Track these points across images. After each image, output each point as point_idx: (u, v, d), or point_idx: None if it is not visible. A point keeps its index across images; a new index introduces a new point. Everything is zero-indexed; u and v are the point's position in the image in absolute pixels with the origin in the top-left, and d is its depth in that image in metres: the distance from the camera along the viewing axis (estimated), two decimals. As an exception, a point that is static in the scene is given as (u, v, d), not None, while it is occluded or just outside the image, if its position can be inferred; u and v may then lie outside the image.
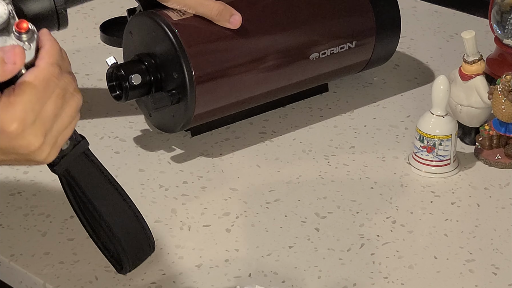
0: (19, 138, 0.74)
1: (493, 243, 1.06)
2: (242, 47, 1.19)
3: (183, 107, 1.16)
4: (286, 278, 1.00)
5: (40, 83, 0.74)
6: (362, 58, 1.30)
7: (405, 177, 1.17)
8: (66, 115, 0.77)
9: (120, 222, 0.83)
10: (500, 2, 1.32)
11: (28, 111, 0.73)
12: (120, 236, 0.83)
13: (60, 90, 0.75)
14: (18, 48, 0.74)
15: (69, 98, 0.76)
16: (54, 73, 0.75)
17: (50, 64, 0.75)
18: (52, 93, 0.75)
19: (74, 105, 0.77)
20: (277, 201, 1.12)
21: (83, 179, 0.82)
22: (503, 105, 1.16)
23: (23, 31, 0.76)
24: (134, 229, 0.84)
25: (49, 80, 0.75)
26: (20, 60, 0.74)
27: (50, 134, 0.75)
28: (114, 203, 0.83)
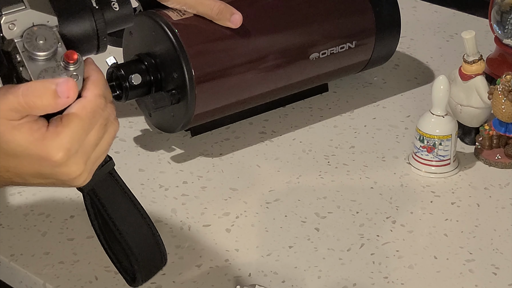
0: (62, 166, 0.75)
1: (493, 243, 1.06)
2: (242, 47, 1.19)
3: (183, 107, 1.16)
4: (286, 278, 1.00)
5: (87, 114, 0.75)
6: (362, 58, 1.30)
7: (405, 177, 1.17)
8: (105, 142, 0.78)
9: (138, 240, 0.84)
10: (500, 2, 1.32)
11: (74, 141, 0.75)
12: (137, 253, 0.84)
13: (103, 120, 0.77)
14: (71, 81, 0.74)
15: (109, 126, 0.78)
16: (100, 105, 0.76)
17: (97, 96, 0.76)
18: (97, 123, 0.76)
19: (113, 132, 0.79)
20: (277, 201, 1.12)
21: (107, 198, 0.83)
22: (503, 105, 1.16)
23: (72, 62, 0.76)
24: (150, 246, 0.85)
25: (96, 112, 0.76)
26: (74, 94, 0.74)
27: (89, 161, 0.77)
28: (134, 222, 0.84)
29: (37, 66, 0.76)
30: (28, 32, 0.76)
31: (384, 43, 1.31)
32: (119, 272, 0.86)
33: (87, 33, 0.81)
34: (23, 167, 0.76)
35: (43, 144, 0.74)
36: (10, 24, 0.76)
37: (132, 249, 0.83)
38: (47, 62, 0.76)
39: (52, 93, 0.74)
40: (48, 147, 0.74)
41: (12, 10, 0.76)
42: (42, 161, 0.75)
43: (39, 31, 0.76)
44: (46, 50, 0.76)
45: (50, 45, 0.76)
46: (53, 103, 0.74)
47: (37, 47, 0.76)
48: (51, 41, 0.76)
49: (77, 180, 0.77)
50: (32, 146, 0.74)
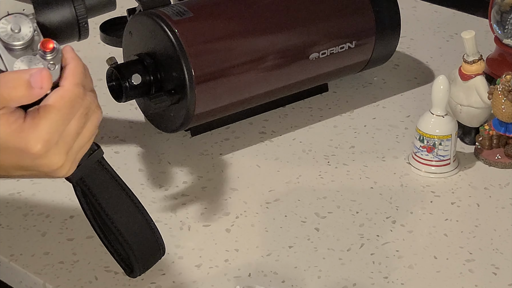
0: (42, 158, 0.74)
1: (493, 243, 1.06)
2: (242, 47, 1.19)
3: (183, 107, 1.16)
4: (286, 278, 1.00)
5: (65, 104, 0.74)
6: (362, 58, 1.30)
7: (405, 177, 1.17)
8: (88, 132, 0.77)
9: (132, 229, 0.83)
10: (500, 2, 1.32)
11: (53, 132, 0.73)
12: (132, 243, 0.83)
13: (84, 109, 0.76)
14: (45, 71, 0.73)
15: (91, 115, 0.77)
16: (79, 94, 0.75)
17: (75, 85, 0.75)
18: (76, 113, 0.75)
19: (95, 121, 0.77)
20: (277, 201, 1.12)
21: (97, 187, 0.82)
22: (503, 105, 1.16)
23: (48, 51, 0.74)
24: (145, 235, 0.84)
25: (74, 101, 0.74)
26: (47, 84, 0.73)
27: (71, 151, 0.76)
28: (127, 210, 0.83)
29: (13, 56, 0.74)
30: (2, 22, 0.74)
31: (384, 43, 1.31)
32: (117, 262, 0.85)
33: (67, 20, 0.79)
34: (2, 159, 0.75)
35: (21, 136, 0.73)
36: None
37: (126, 238, 0.82)
38: (23, 52, 0.74)
39: (25, 84, 0.72)
40: (26, 139, 0.73)
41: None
42: (21, 154, 0.74)
43: (14, 20, 0.74)
44: (21, 40, 0.74)
45: (25, 34, 0.74)
46: (27, 94, 0.72)
47: (12, 36, 0.74)
48: (26, 30, 0.74)
49: (59, 171, 0.76)
50: (10, 139, 0.73)
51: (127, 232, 0.82)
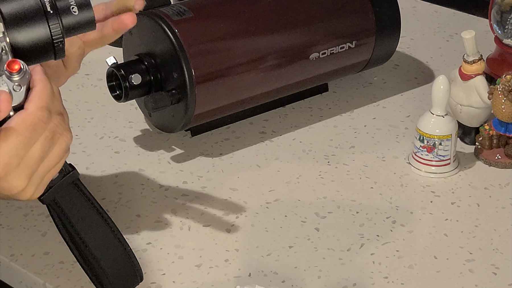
0: (1, 181, 0.72)
1: (493, 243, 1.06)
2: (242, 47, 1.19)
3: (183, 107, 1.16)
4: (286, 278, 1.00)
5: (26, 128, 0.72)
6: (362, 58, 1.30)
7: (405, 177, 1.17)
8: (54, 155, 0.75)
9: (107, 255, 0.81)
10: (500, 2, 1.32)
11: (12, 156, 0.72)
12: (106, 267, 0.81)
13: (48, 133, 0.74)
14: (4, 95, 0.71)
15: (57, 138, 0.75)
16: (43, 118, 0.73)
17: (39, 108, 0.73)
18: (39, 136, 0.73)
19: (63, 144, 0.76)
20: (277, 201, 1.12)
21: (71, 210, 0.80)
22: (503, 105, 1.16)
23: (14, 72, 0.72)
24: (121, 261, 0.82)
25: (36, 125, 0.73)
26: (6, 107, 0.71)
27: (35, 175, 0.74)
28: (102, 235, 0.81)
29: None
30: None
31: (384, 43, 1.31)
32: (93, 284, 0.83)
33: (41, 40, 0.75)
34: None
35: None
36: None
37: (101, 263, 0.81)
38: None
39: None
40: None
41: None
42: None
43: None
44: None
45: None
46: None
47: None
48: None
49: (21, 195, 0.74)
50: None
51: (102, 257, 0.81)
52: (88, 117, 1.29)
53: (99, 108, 1.31)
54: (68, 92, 1.34)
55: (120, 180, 1.16)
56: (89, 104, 1.32)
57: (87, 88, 1.36)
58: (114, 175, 1.17)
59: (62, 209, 0.80)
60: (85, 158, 1.20)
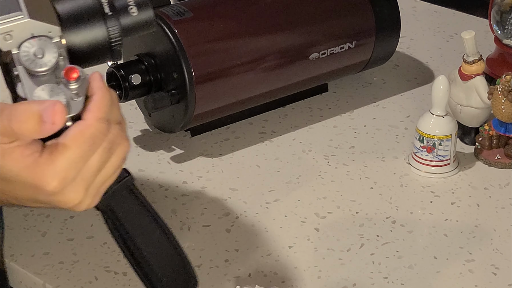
0: (58, 195, 0.69)
1: (493, 243, 1.06)
2: (242, 47, 1.19)
3: (183, 107, 1.16)
4: (286, 278, 1.00)
5: (85, 140, 0.68)
6: (362, 58, 1.30)
7: (405, 177, 1.17)
8: (112, 166, 0.71)
9: (162, 260, 0.79)
10: (499, 2, 1.32)
11: (70, 169, 0.68)
12: (161, 275, 0.79)
13: (107, 144, 0.70)
14: (58, 105, 0.66)
15: (115, 148, 0.71)
16: (102, 129, 0.69)
17: (98, 119, 0.69)
18: (98, 148, 0.69)
19: (121, 154, 0.72)
20: (277, 201, 1.13)
21: (126, 216, 0.77)
22: (503, 105, 1.16)
23: (72, 80, 0.68)
24: (175, 267, 0.79)
25: (95, 137, 0.69)
26: (60, 120, 0.67)
27: (92, 187, 0.71)
28: (157, 241, 0.79)
29: (34, 82, 0.68)
30: (25, 45, 0.68)
31: (384, 43, 1.31)
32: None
33: (98, 43, 0.72)
34: (17, 192, 0.70)
35: (35, 171, 0.68)
36: (6, 35, 0.68)
37: (155, 269, 0.78)
38: (47, 78, 0.68)
39: (36, 118, 0.66)
40: (41, 175, 0.68)
41: (9, 19, 0.68)
42: (35, 189, 0.69)
43: (38, 43, 0.68)
44: (43, 66, 0.68)
45: (48, 60, 0.68)
46: (38, 129, 0.66)
47: (34, 62, 0.68)
48: (50, 55, 0.68)
49: (77, 207, 0.71)
50: (24, 173, 0.68)
51: (156, 263, 0.78)
52: (88, 117, 1.29)
53: (99, 108, 1.31)
54: (68, 92, 1.34)
55: (120, 180, 1.16)
56: (89, 104, 1.32)
57: (87, 88, 1.36)
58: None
59: (116, 215, 0.77)
60: (85, 158, 1.20)
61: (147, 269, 0.78)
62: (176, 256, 0.79)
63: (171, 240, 0.79)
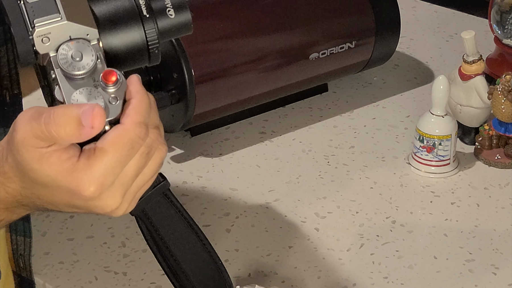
0: (95, 200, 0.68)
1: (492, 243, 1.06)
2: (242, 47, 1.19)
3: (183, 107, 1.16)
4: (286, 278, 1.00)
5: (123, 145, 0.67)
6: (362, 58, 1.30)
7: (405, 177, 1.17)
8: (149, 170, 0.70)
9: (197, 268, 0.78)
10: (499, 2, 1.32)
11: (108, 174, 0.67)
12: (196, 282, 0.78)
13: (145, 149, 0.69)
14: (97, 109, 0.65)
15: (153, 153, 0.70)
16: (140, 134, 0.68)
17: (137, 124, 0.68)
18: (136, 153, 0.68)
19: (159, 159, 0.71)
20: (277, 201, 1.12)
21: (161, 221, 0.76)
22: (503, 105, 1.16)
23: (110, 84, 0.67)
24: (210, 274, 0.79)
25: (134, 142, 0.67)
26: (99, 123, 0.65)
27: (129, 192, 0.70)
28: (192, 247, 0.78)
29: (72, 85, 0.67)
30: (63, 47, 0.68)
31: (384, 43, 1.31)
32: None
33: (136, 45, 0.71)
34: (54, 197, 0.69)
35: (73, 176, 0.67)
36: (44, 38, 0.67)
37: (189, 276, 0.78)
38: (84, 81, 0.67)
39: (75, 122, 0.65)
40: (79, 180, 0.67)
41: (47, 22, 0.67)
42: (72, 194, 0.68)
43: (76, 46, 0.68)
44: (81, 69, 0.67)
45: (86, 63, 0.67)
46: (77, 133, 0.65)
47: (72, 64, 0.67)
48: (88, 58, 0.67)
49: (114, 212, 0.70)
50: (61, 178, 0.67)
51: (191, 270, 0.78)
52: (88, 117, 1.29)
53: (99, 108, 1.31)
54: (68, 92, 1.34)
55: (120, 180, 1.16)
56: (89, 104, 1.32)
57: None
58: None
59: (151, 221, 0.76)
60: (85, 158, 1.20)
61: (182, 276, 0.78)
62: (212, 264, 0.79)
63: (206, 246, 0.79)
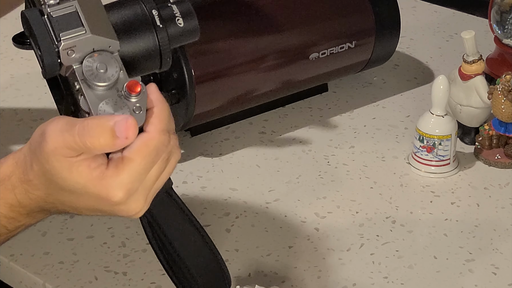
0: (121, 205, 0.72)
1: (492, 243, 1.06)
2: (242, 47, 1.19)
3: (183, 107, 1.16)
4: (286, 278, 1.00)
5: (150, 153, 0.70)
6: (362, 58, 1.30)
7: (405, 177, 1.17)
8: (166, 174, 0.74)
9: (198, 262, 0.81)
10: (499, 2, 1.32)
11: (135, 181, 0.71)
12: (198, 276, 0.80)
13: (166, 155, 0.72)
14: (131, 120, 0.68)
15: (171, 158, 0.74)
16: (164, 142, 0.71)
17: (161, 132, 0.71)
18: (159, 159, 0.72)
19: (174, 163, 0.74)
20: (277, 201, 1.12)
21: (164, 219, 0.79)
22: (503, 105, 1.16)
23: (133, 94, 0.70)
24: (211, 269, 0.82)
25: (159, 150, 0.71)
26: (133, 134, 0.69)
27: (149, 195, 0.73)
28: (194, 243, 0.81)
29: (96, 96, 0.70)
30: (88, 60, 0.71)
31: (384, 43, 1.31)
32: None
33: (150, 53, 0.75)
34: (79, 202, 0.72)
35: (102, 183, 0.70)
36: (69, 51, 0.71)
37: (192, 272, 0.80)
38: (108, 92, 0.71)
39: (109, 133, 0.68)
40: (108, 186, 0.70)
41: (72, 35, 0.71)
42: (100, 200, 0.71)
43: (100, 58, 0.71)
44: (107, 80, 0.70)
45: (111, 75, 0.70)
46: (111, 144, 0.69)
47: (97, 76, 0.70)
48: (112, 70, 0.71)
49: (137, 215, 0.74)
50: (90, 185, 0.70)
51: (193, 266, 0.80)
52: (88, 117, 1.29)
53: (99, 108, 1.31)
54: (68, 92, 1.34)
55: (120, 180, 1.16)
56: (89, 104, 1.32)
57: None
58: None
59: (155, 218, 0.78)
60: (85, 158, 1.19)
61: (184, 271, 0.80)
62: (213, 259, 0.81)
63: (207, 241, 0.81)
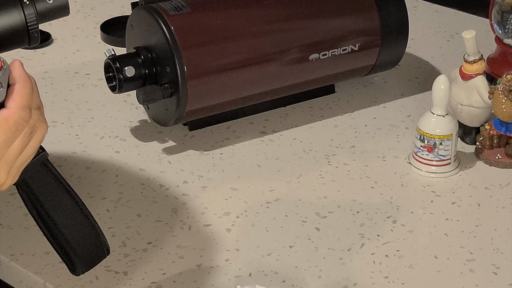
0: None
1: (493, 243, 1.06)
2: (236, 45, 1.19)
3: (175, 102, 1.16)
4: (287, 278, 1.00)
5: (9, 128, 0.73)
6: (366, 63, 1.28)
7: (406, 177, 1.17)
8: (31, 148, 0.76)
9: (76, 231, 0.83)
10: (500, 2, 1.32)
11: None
12: (74, 243, 0.83)
13: (28, 129, 0.74)
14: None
15: (35, 132, 0.76)
16: (25, 117, 0.74)
17: (21, 107, 0.73)
18: (20, 134, 0.74)
19: (40, 136, 0.76)
20: (278, 201, 1.12)
21: (40, 189, 0.82)
22: (504, 104, 1.16)
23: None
24: (88, 236, 0.84)
25: (19, 125, 0.73)
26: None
27: (13, 168, 0.75)
28: (71, 213, 0.83)
29: None
30: None
31: (390, 47, 1.28)
32: (62, 260, 0.85)
33: (16, 28, 0.77)
34: None
35: None
36: None
37: (68, 239, 0.83)
38: None
39: None
40: None
41: None
42: None
43: None
44: None
45: None
46: None
47: None
48: None
49: (0, 188, 0.76)
50: None
51: (70, 234, 0.83)
52: (88, 116, 1.29)
53: (100, 108, 1.31)
54: (69, 91, 1.34)
55: (121, 179, 1.16)
56: (89, 104, 1.32)
57: (88, 88, 1.36)
58: (115, 175, 1.17)
59: (31, 189, 0.81)
60: (85, 158, 1.20)
61: (62, 240, 0.83)
62: (89, 226, 0.84)
63: (83, 211, 0.84)
